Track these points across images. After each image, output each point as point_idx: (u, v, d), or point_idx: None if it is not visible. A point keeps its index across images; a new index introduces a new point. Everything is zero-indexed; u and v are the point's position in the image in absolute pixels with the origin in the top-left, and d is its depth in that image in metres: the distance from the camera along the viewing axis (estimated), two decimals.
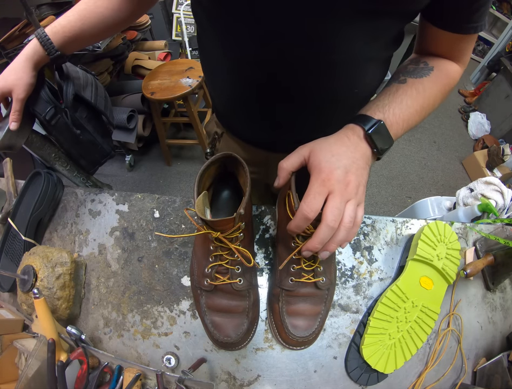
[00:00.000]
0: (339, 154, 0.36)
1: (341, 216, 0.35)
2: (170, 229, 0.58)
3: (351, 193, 0.35)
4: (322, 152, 0.37)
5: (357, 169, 0.37)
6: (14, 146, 0.60)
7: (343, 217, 0.35)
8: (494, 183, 0.95)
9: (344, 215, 0.35)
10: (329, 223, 0.34)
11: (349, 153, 0.37)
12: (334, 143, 0.38)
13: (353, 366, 0.49)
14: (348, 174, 0.36)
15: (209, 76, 0.57)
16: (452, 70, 0.47)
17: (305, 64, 0.42)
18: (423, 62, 0.47)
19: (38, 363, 0.42)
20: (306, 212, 0.34)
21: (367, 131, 0.39)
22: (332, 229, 0.34)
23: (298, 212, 0.35)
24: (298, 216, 0.35)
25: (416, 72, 0.46)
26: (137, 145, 1.93)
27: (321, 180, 0.35)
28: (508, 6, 2.82)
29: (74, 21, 0.54)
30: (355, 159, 0.37)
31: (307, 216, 0.34)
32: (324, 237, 0.35)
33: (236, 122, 0.61)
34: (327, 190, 0.35)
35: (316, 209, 0.34)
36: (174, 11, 2.26)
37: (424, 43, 0.49)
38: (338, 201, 0.34)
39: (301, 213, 0.35)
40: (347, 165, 0.36)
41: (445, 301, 0.54)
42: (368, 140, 0.39)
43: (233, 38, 0.43)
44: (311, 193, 0.35)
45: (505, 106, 2.31)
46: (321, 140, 0.39)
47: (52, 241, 0.59)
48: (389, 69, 0.55)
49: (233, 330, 0.44)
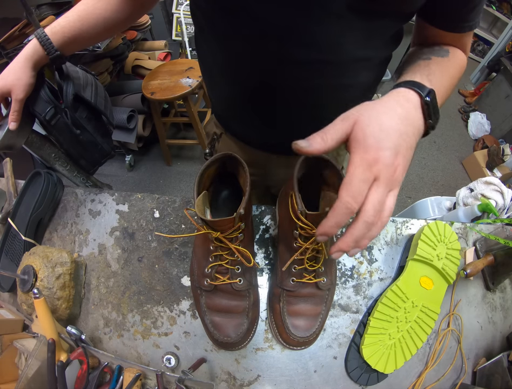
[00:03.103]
0: (390, 128, 0.30)
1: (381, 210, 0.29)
2: (170, 229, 0.58)
3: (396, 181, 0.30)
4: (370, 124, 0.30)
5: (406, 150, 0.31)
6: (14, 146, 0.60)
7: (383, 210, 0.29)
8: (494, 183, 0.95)
9: (385, 208, 0.29)
10: (367, 219, 0.28)
11: (402, 127, 0.31)
12: (384, 113, 0.31)
13: (353, 366, 0.49)
14: (397, 156, 0.30)
15: (207, 78, 0.57)
16: (461, 57, 0.46)
17: (301, 64, 0.42)
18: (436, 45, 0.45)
19: (38, 363, 0.42)
20: (349, 203, 0.28)
21: (425, 98, 0.33)
22: (371, 225, 0.29)
23: (340, 204, 0.28)
24: (339, 211, 0.28)
25: (435, 52, 0.43)
26: (137, 145, 1.93)
27: (367, 162, 0.29)
28: (508, 6, 2.82)
29: (73, 22, 0.54)
30: (407, 135, 0.31)
31: (351, 210, 0.28)
32: (360, 234, 0.29)
33: (234, 123, 0.62)
34: (373, 176, 0.29)
35: (361, 200, 0.28)
36: (174, 11, 2.26)
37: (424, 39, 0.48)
38: (382, 192, 0.29)
39: (343, 206, 0.28)
40: (397, 144, 0.30)
41: (445, 301, 0.54)
42: (425, 110, 0.34)
43: (229, 39, 0.43)
44: (355, 179, 0.28)
45: (505, 106, 2.31)
46: (368, 107, 0.32)
47: (52, 241, 0.59)
48: (389, 69, 0.55)
49: (233, 330, 0.44)
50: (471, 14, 0.41)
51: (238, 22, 0.40)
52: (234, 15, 0.39)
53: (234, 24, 0.41)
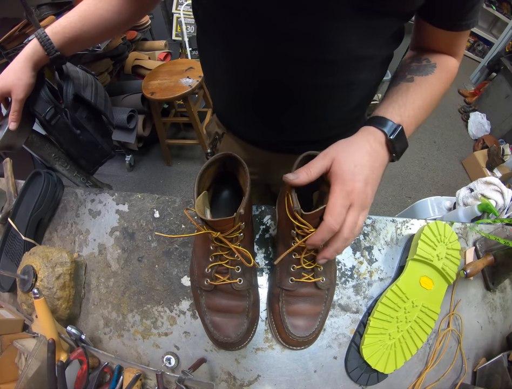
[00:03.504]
0: (362, 165, 0.37)
1: (354, 228, 0.37)
2: (170, 229, 0.58)
3: (366, 205, 0.37)
4: (346, 162, 0.37)
5: (374, 180, 0.38)
6: (14, 146, 0.60)
7: (355, 228, 0.37)
8: (494, 183, 0.95)
9: (356, 226, 0.37)
10: (345, 236, 0.36)
11: (371, 162, 0.38)
12: (357, 152, 0.38)
13: (353, 366, 0.49)
14: (367, 186, 0.37)
15: (208, 77, 0.57)
16: (451, 65, 0.49)
17: (304, 62, 0.42)
18: (424, 59, 0.48)
19: (38, 363, 0.43)
20: (333, 225, 0.35)
21: (389, 137, 0.39)
22: (347, 239, 0.37)
23: (324, 225, 0.36)
24: (324, 230, 0.36)
25: (420, 69, 0.47)
26: (137, 145, 1.93)
27: (345, 192, 0.36)
28: (508, 6, 2.82)
29: (74, 22, 0.54)
30: (375, 168, 0.38)
31: (333, 230, 0.36)
32: (339, 247, 0.37)
33: (236, 123, 0.62)
34: (349, 202, 0.36)
35: (341, 222, 0.35)
36: (174, 11, 2.26)
37: (420, 40, 0.50)
38: (356, 214, 0.36)
39: (327, 226, 0.35)
40: (367, 177, 0.37)
41: (445, 301, 0.54)
42: (389, 146, 0.40)
43: (231, 36, 0.43)
44: (337, 206, 0.35)
45: (505, 106, 2.31)
46: (343, 147, 0.39)
47: (52, 241, 0.59)
48: (389, 69, 0.55)
49: (233, 330, 0.44)
50: (469, 13, 0.41)
51: (240, 20, 0.40)
52: (236, 12, 0.39)
53: (236, 22, 0.41)
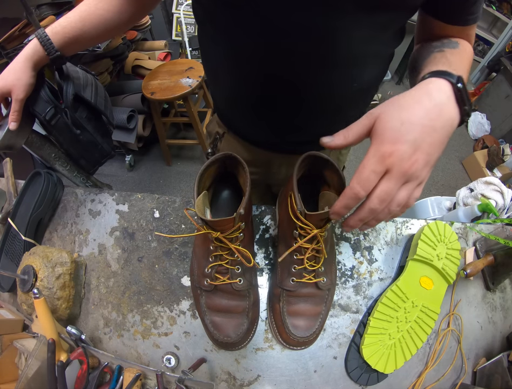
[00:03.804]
0: (413, 122, 0.29)
1: (389, 201, 0.31)
2: (170, 229, 0.58)
3: (412, 175, 0.30)
4: (392, 119, 0.30)
5: (430, 145, 0.30)
6: (14, 146, 0.60)
7: (392, 201, 0.31)
8: (494, 183, 0.95)
9: (394, 200, 0.31)
10: (372, 206, 0.31)
11: (426, 121, 0.30)
12: (409, 107, 0.30)
13: (353, 366, 0.49)
14: (416, 151, 0.29)
15: (210, 76, 0.57)
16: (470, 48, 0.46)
17: (306, 60, 0.42)
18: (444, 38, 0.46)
19: (38, 363, 0.42)
20: (356, 189, 0.30)
21: (456, 85, 0.31)
22: (375, 212, 0.31)
23: (349, 190, 0.31)
24: (348, 195, 0.31)
25: (446, 44, 0.44)
26: (137, 145, 1.93)
27: (380, 154, 0.29)
28: (508, 6, 2.81)
29: (74, 22, 0.54)
30: (432, 130, 0.30)
31: (357, 196, 0.31)
32: (365, 217, 0.33)
33: (238, 122, 0.62)
34: (385, 168, 0.30)
35: (368, 189, 0.30)
36: (174, 11, 2.26)
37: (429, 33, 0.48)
38: (392, 185, 0.30)
39: (351, 191, 0.31)
40: (417, 139, 0.29)
41: (445, 301, 0.54)
42: (458, 97, 0.31)
43: (233, 36, 0.43)
44: (366, 169, 0.30)
45: (505, 106, 2.31)
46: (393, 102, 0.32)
47: (52, 241, 0.59)
48: (389, 69, 0.55)
49: (233, 330, 0.44)
50: (473, 7, 0.42)
51: (242, 17, 0.40)
52: (237, 9, 0.39)
53: (237, 19, 0.40)
